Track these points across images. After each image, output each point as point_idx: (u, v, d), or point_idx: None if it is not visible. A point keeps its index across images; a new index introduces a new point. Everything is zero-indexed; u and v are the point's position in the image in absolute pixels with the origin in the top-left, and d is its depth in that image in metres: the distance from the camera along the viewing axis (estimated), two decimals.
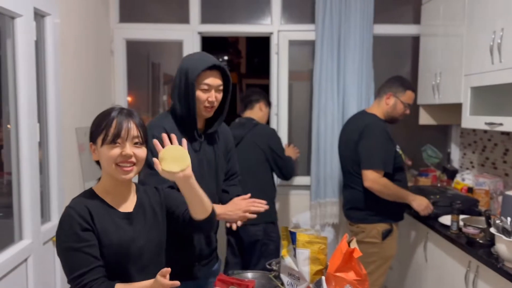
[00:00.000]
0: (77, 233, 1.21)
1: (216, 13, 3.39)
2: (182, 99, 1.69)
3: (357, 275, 1.51)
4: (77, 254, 1.20)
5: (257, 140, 2.72)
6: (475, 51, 2.41)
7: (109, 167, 1.27)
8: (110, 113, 1.28)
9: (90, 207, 1.26)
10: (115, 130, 1.25)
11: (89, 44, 2.87)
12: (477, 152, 3.06)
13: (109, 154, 1.25)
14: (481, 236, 2.02)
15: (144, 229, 1.35)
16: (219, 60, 1.74)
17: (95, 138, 1.28)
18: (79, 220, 1.22)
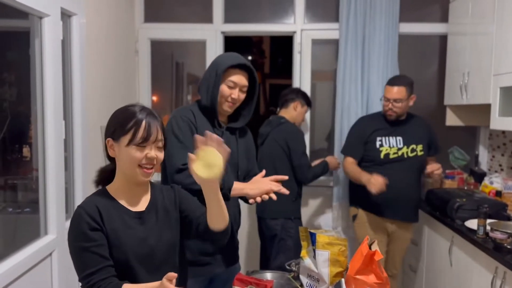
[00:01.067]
0: (85, 232, 1.20)
1: (239, 12, 3.39)
2: (208, 90, 1.80)
3: (377, 278, 1.48)
4: (85, 253, 1.20)
5: (278, 138, 2.79)
6: (505, 50, 2.33)
7: (131, 168, 1.26)
8: (136, 113, 1.26)
9: (101, 206, 1.25)
10: (144, 133, 1.25)
11: (115, 43, 2.92)
12: (506, 154, 2.96)
13: (135, 155, 1.25)
14: (509, 241, 1.95)
15: (156, 228, 1.34)
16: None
17: (118, 136, 1.26)
18: (88, 219, 1.21)
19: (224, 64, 1.79)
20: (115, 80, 2.91)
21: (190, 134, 1.75)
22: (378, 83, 3.18)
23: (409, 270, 3.14)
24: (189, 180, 1.65)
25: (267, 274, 1.78)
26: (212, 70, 1.81)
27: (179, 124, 1.77)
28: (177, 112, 1.83)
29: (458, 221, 2.42)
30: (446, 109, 3.19)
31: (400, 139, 2.67)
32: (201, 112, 1.84)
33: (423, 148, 2.68)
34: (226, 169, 1.81)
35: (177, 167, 1.71)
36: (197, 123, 1.80)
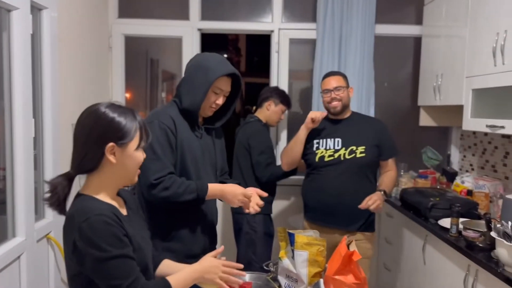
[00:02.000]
0: (121, 238, 1.15)
1: (216, 10, 3.36)
2: (192, 93, 1.76)
3: (356, 278, 1.48)
4: (123, 260, 1.13)
5: (242, 136, 2.87)
6: (477, 53, 2.38)
7: (134, 171, 1.26)
8: (135, 116, 1.23)
9: (114, 212, 1.18)
10: (146, 136, 1.25)
11: (87, 39, 2.83)
12: (477, 154, 3.04)
13: (140, 158, 1.25)
14: (481, 239, 1.99)
15: (143, 231, 1.35)
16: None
17: (124, 141, 1.19)
18: (117, 225, 1.15)
19: (217, 72, 1.74)
20: (87, 77, 2.83)
21: (167, 145, 1.71)
22: (354, 84, 3.19)
23: (384, 269, 3.19)
24: (163, 194, 1.67)
25: (245, 276, 1.76)
26: (201, 74, 1.74)
27: (156, 133, 1.70)
28: (155, 118, 1.75)
29: (432, 220, 2.47)
30: (419, 109, 3.25)
31: (339, 140, 2.43)
32: (180, 114, 1.79)
33: (365, 150, 2.39)
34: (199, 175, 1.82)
35: (149, 182, 1.67)
36: (177, 129, 1.75)
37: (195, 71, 1.76)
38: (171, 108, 1.80)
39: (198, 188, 1.72)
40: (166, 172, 1.69)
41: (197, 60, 1.81)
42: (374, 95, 3.30)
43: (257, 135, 2.81)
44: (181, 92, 1.79)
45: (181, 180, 1.71)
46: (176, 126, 1.74)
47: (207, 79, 1.73)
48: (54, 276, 2.31)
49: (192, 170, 1.78)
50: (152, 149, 1.66)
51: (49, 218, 2.28)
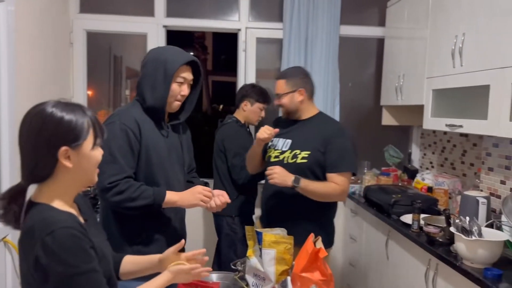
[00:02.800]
0: (89, 252, 1.06)
1: (182, 6, 3.32)
2: (155, 89, 1.70)
3: (322, 275, 1.50)
4: (91, 275, 1.05)
5: (218, 138, 2.86)
6: (437, 54, 2.47)
7: (93, 171, 1.16)
8: (85, 112, 1.12)
9: (78, 222, 1.09)
10: (101, 132, 1.15)
11: (47, 34, 2.73)
12: (436, 152, 3.15)
13: (98, 157, 1.15)
14: (440, 235, 2.07)
15: (102, 236, 1.27)
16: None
17: (78, 142, 1.08)
18: (84, 238, 1.06)
19: (175, 63, 1.69)
20: (47, 73, 2.72)
21: (127, 147, 1.64)
22: (320, 83, 3.25)
23: (349, 265, 3.25)
24: (116, 199, 1.61)
25: (213, 276, 1.75)
26: (159, 68, 1.69)
27: (116, 135, 1.62)
28: (116, 118, 1.67)
29: (394, 216, 2.54)
30: (382, 109, 3.34)
31: (289, 142, 2.22)
32: (145, 113, 1.73)
33: (308, 156, 2.13)
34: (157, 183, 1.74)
35: (103, 186, 1.59)
36: (141, 130, 1.68)
37: (153, 66, 1.70)
38: (134, 108, 1.73)
39: (155, 194, 1.65)
40: (123, 176, 1.62)
41: (152, 55, 1.75)
42: (339, 95, 3.36)
43: (232, 137, 2.78)
44: (143, 90, 1.72)
45: (137, 185, 1.64)
46: (140, 127, 1.67)
47: (168, 71, 1.68)
48: (12, 280, 2.21)
49: (159, 172, 1.72)
50: (109, 151, 1.59)
51: None
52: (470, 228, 1.82)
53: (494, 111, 1.94)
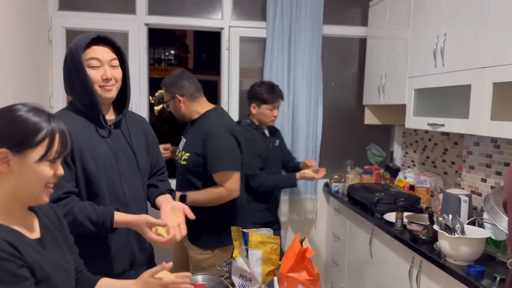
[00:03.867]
0: (16, 273, 0.96)
1: (164, 4, 3.27)
2: (76, 86, 1.51)
3: (309, 275, 1.50)
4: None
5: None
6: (419, 54, 2.50)
7: (36, 188, 1.04)
8: (43, 121, 1.03)
9: (8, 239, 0.98)
10: (59, 146, 1.04)
11: (25, 32, 2.65)
12: (418, 151, 3.20)
13: (46, 173, 1.03)
14: (424, 232, 2.09)
15: (61, 253, 1.16)
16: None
17: (21, 148, 1.00)
18: (9, 257, 0.96)
19: (78, 47, 1.47)
20: (25, 72, 2.65)
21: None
22: (303, 83, 3.26)
23: (332, 263, 3.27)
24: (63, 211, 1.38)
25: (198, 277, 1.73)
26: (68, 59, 1.50)
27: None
28: None
29: (378, 215, 2.56)
30: (364, 108, 3.37)
31: (184, 141, 2.29)
32: (80, 115, 1.54)
33: (188, 158, 2.16)
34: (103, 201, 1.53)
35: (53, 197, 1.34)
36: (75, 135, 1.37)
37: (65, 62, 1.52)
38: (64, 113, 1.54)
39: (100, 216, 1.44)
40: (61, 192, 1.41)
41: (64, 57, 1.55)
42: (322, 94, 3.37)
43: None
44: (67, 91, 1.55)
45: (81, 205, 1.45)
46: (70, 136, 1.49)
47: (76, 60, 1.47)
48: None
49: (101, 180, 1.53)
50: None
51: None
52: (453, 226, 1.84)
53: (475, 110, 1.97)
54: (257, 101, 2.71)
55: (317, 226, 3.51)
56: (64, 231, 1.23)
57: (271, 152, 2.76)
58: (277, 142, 2.89)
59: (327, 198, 3.48)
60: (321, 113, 3.38)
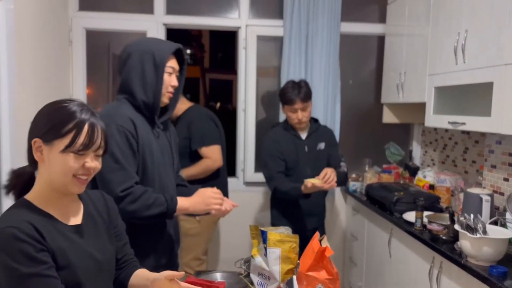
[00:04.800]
0: (32, 256, 1.00)
1: (182, 4, 3.29)
2: (146, 83, 1.58)
3: (328, 274, 1.49)
4: (37, 279, 1.00)
5: None
6: (439, 51, 2.46)
7: (63, 178, 1.08)
8: (76, 113, 1.08)
9: (35, 223, 1.04)
10: (86, 139, 1.07)
11: (46, 32, 2.70)
12: (438, 150, 3.15)
13: (71, 164, 1.06)
14: (444, 232, 2.06)
15: (98, 241, 1.20)
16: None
17: (51, 139, 1.06)
18: (29, 240, 1.00)
19: (164, 53, 1.59)
20: (47, 72, 2.70)
21: (128, 151, 1.53)
22: (320, 81, 3.24)
23: (350, 263, 3.25)
24: (131, 207, 1.50)
25: (217, 275, 1.74)
26: (146, 60, 1.58)
27: (116, 139, 1.50)
28: (110, 120, 1.50)
29: (397, 214, 2.53)
30: (383, 107, 3.33)
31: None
32: (136, 111, 1.61)
33: (179, 142, 2.39)
34: (167, 188, 1.68)
35: (115, 195, 1.46)
36: (137, 131, 1.56)
37: (139, 60, 1.58)
38: (124, 107, 1.59)
39: (168, 201, 1.56)
40: (133, 182, 1.52)
41: (135, 47, 1.62)
42: (340, 92, 3.35)
43: (262, 142, 2.81)
44: (132, 86, 1.59)
45: (150, 191, 1.55)
46: (136, 128, 1.56)
47: (158, 62, 1.57)
48: None
49: (154, 177, 1.62)
50: (114, 157, 1.48)
51: None
52: (474, 226, 1.81)
53: (498, 108, 1.93)
54: (280, 101, 2.63)
55: (335, 225, 3.49)
56: (111, 221, 1.28)
57: (303, 156, 2.59)
58: (322, 145, 2.65)
59: (345, 197, 3.46)
60: (339, 112, 3.35)
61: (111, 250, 1.24)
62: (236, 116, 3.47)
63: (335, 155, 2.69)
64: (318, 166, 2.53)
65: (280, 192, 2.51)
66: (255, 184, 3.42)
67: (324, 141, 2.66)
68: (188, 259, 2.84)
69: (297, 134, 2.62)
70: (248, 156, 3.40)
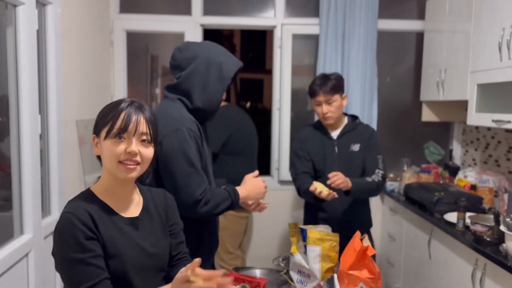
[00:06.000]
0: (81, 242, 1.07)
1: (218, 5, 3.34)
2: (206, 90, 1.61)
3: (370, 273, 1.48)
4: (80, 266, 1.06)
5: None
6: (482, 47, 2.39)
7: (111, 164, 1.14)
8: (119, 104, 1.16)
9: (92, 212, 1.11)
10: (122, 123, 1.12)
11: (90, 34, 2.81)
12: (479, 149, 3.05)
13: (113, 149, 1.13)
14: (488, 233, 2.01)
15: (152, 235, 1.24)
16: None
17: (99, 130, 1.16)
18: (81, 227, 1.07)
19: (232, 66, 1.64)
20: (90, 73, 2.80)
21: (198, 155, 1.56)
22: (357, 79, 3.20)
23: (387, 264, 3.20)
24: (205, 209, 1.53)
25: (256, 271, 1.76)
26: (213, 68, 1.60)
27: (189, 143, 1.51)
28: (181, 124, 1.52)
29: (437, 215, 2.48)
30: (422, 105, 3.26)
31: None
32: (191, 114, 1.63)
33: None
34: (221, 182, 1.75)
35: (195, 199, 1.50)
36: (201, 134, 1.60)
37: (206, 66, 1.60)
38: (183, 110, 1.61)
39: (231, 193, 1.60)
40: (206, 184, 1.56)
41: (203, 53, 1.61)
42: (377, 90, 3.30)
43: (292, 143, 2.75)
44: (191, 90, 1.60)
45: (215, 189, 1.59)
46: (200, 131, 1.59)
47: (225, 74, 1.62)
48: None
49: (210, 178, 1.66)
50: (189, 162, 1.50)
51: (55, 214, 2.26)
52: None
53: None
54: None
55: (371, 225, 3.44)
56: (168, 219, 1.32)
57: (333, 157, 2.31)
58: (356, 147, 2.32)
59: (382, 197, 3.41)
60: (376, 110, 3.31)
61: (164, 246, 1.27)
62: (267, 115, 3.49)
63: (370, 160, 2.29)
64: (352, 170, 2.26)
65: (301, 193, 2.30)
66: (290, 182, 3.40)
67: (360, 142, 2.31)
68: (218, 252, 2.89)
69: (327, 133, 2.35)
70: (283, 154, 3.40)
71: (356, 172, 2.27)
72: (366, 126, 2.41)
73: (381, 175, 2.23)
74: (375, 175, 2.22)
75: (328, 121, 2.30)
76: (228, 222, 2.86)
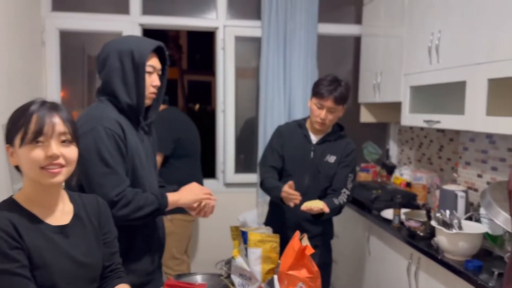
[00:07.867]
0: (5, 252, 1.00)
1: (158, 4, 3.26)
2: (127, 84, 1.52)
3: (309, 273, 1.49)
4: (7, 277, 0.99)
5: None
6: (414, 51, 2.51)
7: (32, 172, 1.07)
8: (29, 107, 1.07)
9: (15, 221, 1.04)
10: (35, 126, 1.04)
11: (17, 33, 2.63)
12: (414, 148, 3.21)
13: (31, 156, 1.05)
14: (421, 229, 2.10)
15: (84, 245, 1.17)
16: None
17: (12, 138, 1.07)
18: (4, 237, 1.01)
19: (144, 51, 1.51)
20: (19, 75, 2.62)
21: (118, 154, 1.47)
22: (299, 81, 3.26)
23: None
24: (123, 212, 1.45)
25: (197, 277, 1.73)
26: (125, 59, 1.50)
27: (105, 142, 1.44)
28: (97, 123, 1.45)
29: (375, 212, 2.57)
30: (360, 106, 3.37)
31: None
32: (121, 114, 1.54)
33: None
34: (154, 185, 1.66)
35: (110, 200, 1.41)
36: (125, 134, 1.50)
37: (119, 60, 1.51)
38: (109, 109, 1.52)
39: (159, 197, 1.52)
40: (125, 186, 1.47)
41: (113, 47, 1.53)
42: None
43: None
44: (115, 88, 1.52)
45: (140, 192, 1.51)
46: (124, 130, 1.50)
47: (138, 61, 1.49)
48: None
49: (143, 179, 1.58)
50: (104, 162, 1.43)
51: None
52: (450, 222, 1.85)
53: (471, 106, 1.98)
54: (312, 91, 2.24)
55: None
56: (101, 227, 1.24)
57: (306, 161, 2.22)
58: (331, 158, 2.22)
59: None
60: None
61: (97, 255, 1.21)
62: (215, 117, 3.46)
63: (341, 177, 2.20)
64: (321, 180, 2.20)
65: (263, 187, 2.23)
66: (235, 185, 3.41)
67: (337, 155, 2.22)
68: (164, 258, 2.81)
69: (308, 135, 2.25)
70: (228, 157, 3.39)
71: (323, 183, 2.21)
72: (347, 142, 2.30)
73: (346, 196, 2.18)
74: (342, 196, 2.16)
75: (320, 127, 2.20)
76: (175, 227, 2.80)
